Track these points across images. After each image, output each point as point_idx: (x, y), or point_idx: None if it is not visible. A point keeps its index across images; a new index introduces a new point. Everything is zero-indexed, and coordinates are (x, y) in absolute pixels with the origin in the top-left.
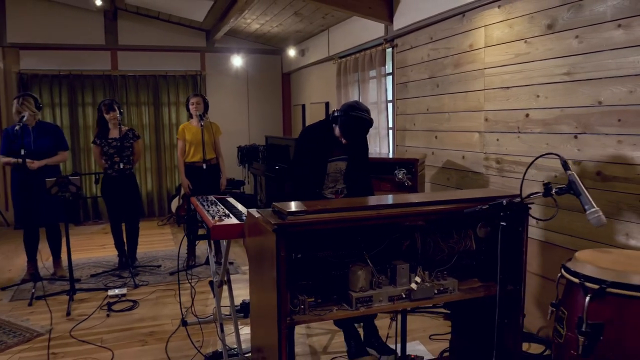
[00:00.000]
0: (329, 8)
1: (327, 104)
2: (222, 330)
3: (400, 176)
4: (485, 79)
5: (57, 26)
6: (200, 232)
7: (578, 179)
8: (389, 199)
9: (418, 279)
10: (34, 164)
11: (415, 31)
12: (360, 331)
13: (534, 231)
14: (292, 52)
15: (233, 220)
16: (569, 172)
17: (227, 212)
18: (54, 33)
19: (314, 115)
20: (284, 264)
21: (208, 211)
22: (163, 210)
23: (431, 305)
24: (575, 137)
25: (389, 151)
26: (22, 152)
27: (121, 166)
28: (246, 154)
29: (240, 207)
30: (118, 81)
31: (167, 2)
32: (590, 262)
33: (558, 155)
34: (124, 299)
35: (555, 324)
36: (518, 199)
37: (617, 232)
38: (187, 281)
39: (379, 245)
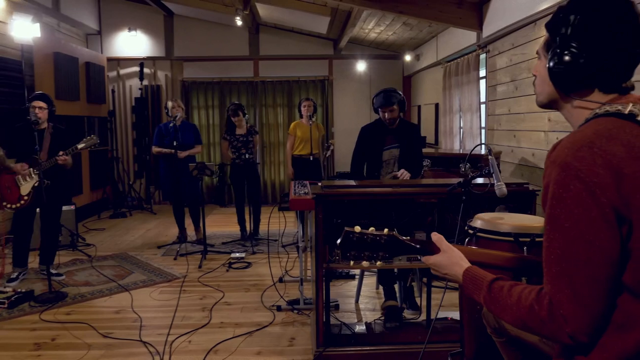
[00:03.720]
0: (427, 20)
1: (436, 106)
2: (301, 284)
3: (464, 169)
4: None
5: (211, 41)
6: None
7: (495, 162)
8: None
9: None
10: (182, 154)
11: (500, 38)
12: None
13: None
14: (408, 57)
15: (309, 196)
16: (490, 157)
17: (309, 191)
18: (209, 47)
19: (426, 116)
20: (321, 224)
21: (295, 190)
22: None
23: None
24: None
25: (481, 148)
26: (175, 143)
27: (246, 156)
28: None
29: None
30: (258, 86)
31: (295, 18)
32: (480, 218)
33: (485, 145)
34: (242, 260)
35: None
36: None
37: None
38: (288, 252)
39: (405, 218)
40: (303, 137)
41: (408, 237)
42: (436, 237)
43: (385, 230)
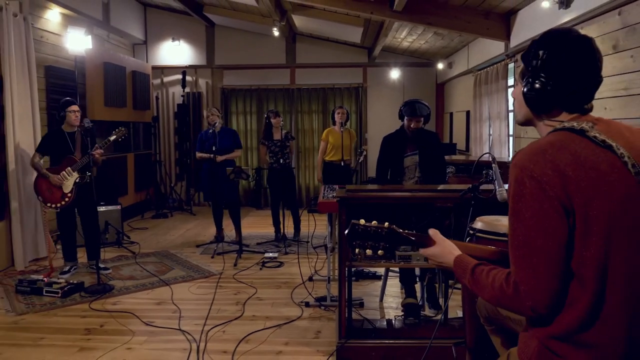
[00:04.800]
0: (456, 31)
1: (467, 113)
2: (329, 282)
3: (487, 176)
4: None
5: (250, 50)
6: None
7: (497, 169)
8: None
9: None
10: (219, 158)
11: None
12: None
13: None
14: (441, 65)
15: (335, 200)
16: (494, 165)
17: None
18: (248, 55)
19: (458, 123)
20: (344, 225)
21: (324, 194)
22: None
23: None
24: None
25: (509, 155)
26: (213, 148)
27: (282, 161)
28: None
29: None
30: (295, 93)
31: (330, 28)
32: (481, 220)
33: (489, 154)
34: (275, 260)
35: None
36: (476, 184)
37: None
38: (318, 253)
39: (424, 221)
40: (335, 144)
41: (406, 231)
42: (432, 231)
43: (386, 223)
